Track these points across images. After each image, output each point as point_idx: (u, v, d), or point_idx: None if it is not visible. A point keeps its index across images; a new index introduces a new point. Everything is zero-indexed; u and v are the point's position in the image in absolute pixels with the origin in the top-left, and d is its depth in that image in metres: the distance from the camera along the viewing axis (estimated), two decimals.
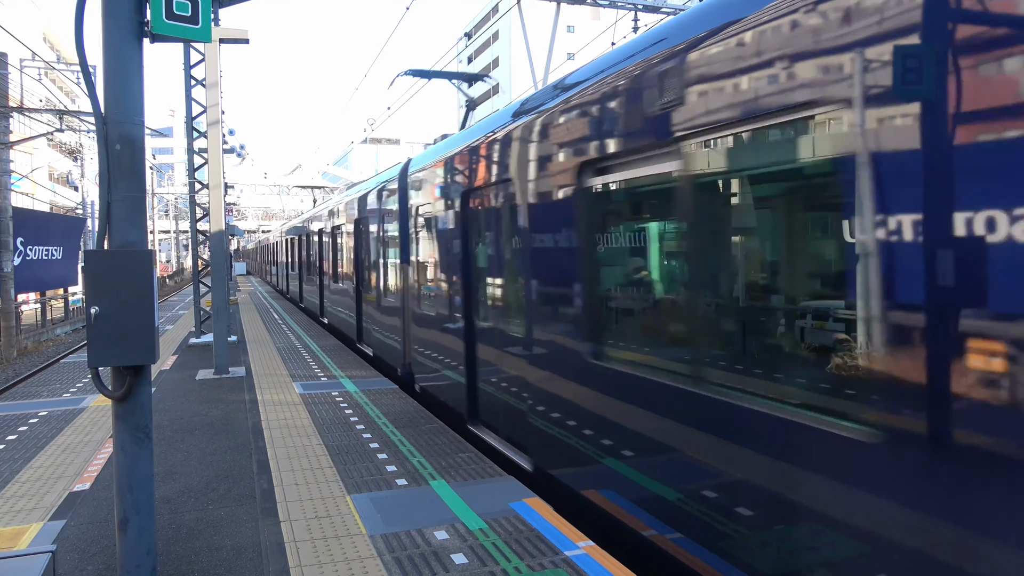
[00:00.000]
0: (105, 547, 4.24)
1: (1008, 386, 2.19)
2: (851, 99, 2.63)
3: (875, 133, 2.55)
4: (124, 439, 3.44)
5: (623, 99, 4.06)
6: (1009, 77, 2.13)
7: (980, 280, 2.25)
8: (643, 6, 14.59)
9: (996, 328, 2.22)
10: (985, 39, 2.20)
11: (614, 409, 4.21)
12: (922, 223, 2.40)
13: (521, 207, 5.34)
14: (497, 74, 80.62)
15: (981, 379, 2.26)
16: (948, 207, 2.31)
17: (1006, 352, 2.19)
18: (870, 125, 2.56)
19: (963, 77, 2.26)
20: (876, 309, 2.58)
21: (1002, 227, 2.18)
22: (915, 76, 2.41)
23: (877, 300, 2.58)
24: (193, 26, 3.51)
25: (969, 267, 2.27)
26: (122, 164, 3.37)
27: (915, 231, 2.42)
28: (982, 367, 2.26)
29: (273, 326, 16.79)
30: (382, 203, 10.46)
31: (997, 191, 2.19)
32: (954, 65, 2.28)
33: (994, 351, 2.24)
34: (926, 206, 2.39)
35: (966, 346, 2.30)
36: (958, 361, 2.31)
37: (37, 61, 27.69)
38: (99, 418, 7.56)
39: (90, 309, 3.29)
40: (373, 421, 7.17)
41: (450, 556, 3.96)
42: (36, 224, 21.66)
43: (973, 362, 2.28)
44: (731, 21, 3.28)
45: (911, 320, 2.44)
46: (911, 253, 2.43)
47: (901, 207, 2.47)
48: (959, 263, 2.30)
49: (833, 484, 2.73)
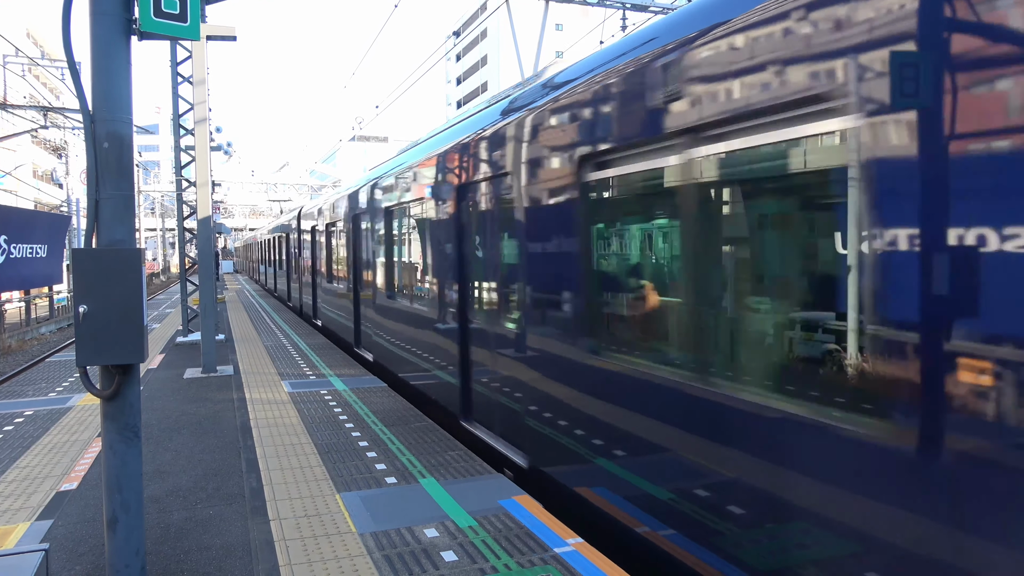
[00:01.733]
0: (93, 547, 4.22)
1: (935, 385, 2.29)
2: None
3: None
4: (112, 438, 3.42)
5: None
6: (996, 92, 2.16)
7: (903, 284, 2.38)
8: (631, 4, 14.64)
9: (906, 334, 2.36)
10: (976, 52, 2.21)
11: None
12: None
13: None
14: (486, 72, 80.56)
15: (887, 378, 2.39)
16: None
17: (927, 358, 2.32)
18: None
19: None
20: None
21: (940, 238, 2.28)
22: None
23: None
24: (181, 24, 3.49)
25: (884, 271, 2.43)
26: (110, 162, 3.35)
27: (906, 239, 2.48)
28: (892, 373, 2.40)
29: (261, 324, 16.71)
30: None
31: (921, 201, 2.31)
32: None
33: (912, 353, 2.36)
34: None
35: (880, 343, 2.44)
36: (870, 351, 2.47)
37: (21, 57, 27.37)
38: (86, 417, 7.51)
39: (78, 308, 3.28)
40: (362, 419, 7.16)
41: (440, 554, 3.98)
42: (20, 222, 21.37)
43: (880, 366, 2.41)
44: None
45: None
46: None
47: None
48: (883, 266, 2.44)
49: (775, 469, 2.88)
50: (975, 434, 2.21)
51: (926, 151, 2.34)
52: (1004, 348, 2.14)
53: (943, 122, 2.29)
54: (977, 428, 2.22)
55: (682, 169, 3.55)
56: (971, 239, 2.21)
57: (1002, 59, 2.13)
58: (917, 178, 2.37)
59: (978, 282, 2.20)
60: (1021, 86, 2.08)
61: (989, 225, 2.16)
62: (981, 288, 2.19)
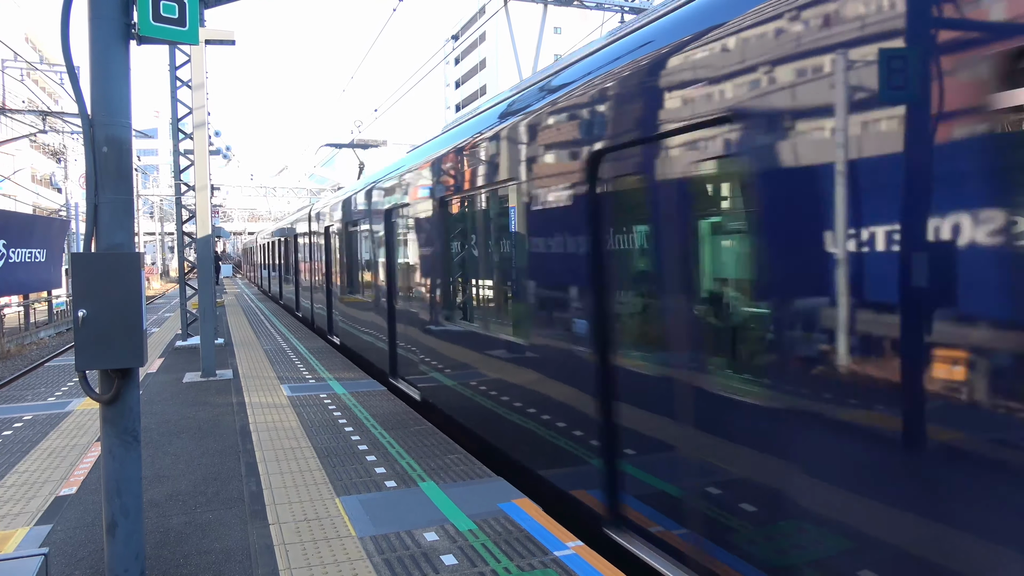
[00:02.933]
0: (93, 551, 4.22)
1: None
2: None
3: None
4: (112, 442, 3.42)
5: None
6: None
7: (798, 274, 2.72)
8: (629, 8, 14.67)
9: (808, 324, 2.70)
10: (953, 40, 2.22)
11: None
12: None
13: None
14: (484, 76, 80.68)
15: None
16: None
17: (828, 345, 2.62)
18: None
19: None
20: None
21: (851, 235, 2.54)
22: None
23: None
24: (180, 28, 3.50)
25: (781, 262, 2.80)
26: (109, 166, 3.36)
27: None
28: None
29: (260, 328, 16.71)
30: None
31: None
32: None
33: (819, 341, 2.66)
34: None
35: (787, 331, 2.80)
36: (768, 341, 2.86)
37: (19, 62, 27.39)
38: (85, 422, 7.51)
39: (77, 312, 3.28)
40: (361, 423, 7.16)
41: (440, 557, 3.97)
42: (19, 226, 21.39)
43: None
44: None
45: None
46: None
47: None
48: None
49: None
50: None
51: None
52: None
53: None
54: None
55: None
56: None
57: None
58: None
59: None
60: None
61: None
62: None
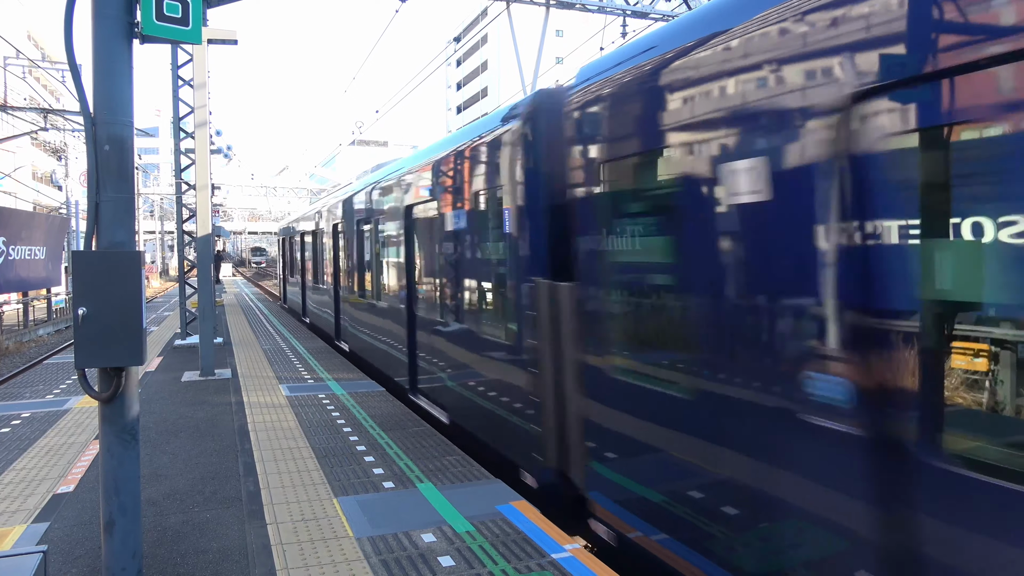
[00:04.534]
0: (90, 549, 4.22)
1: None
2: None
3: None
4: (110, 441, 3.42)
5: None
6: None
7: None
8: (631, 11, 14.68)
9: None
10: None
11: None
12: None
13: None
14: (486, 78, 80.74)
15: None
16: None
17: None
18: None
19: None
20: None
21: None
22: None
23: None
24: (183, 27, 3.50)
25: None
26: (110, 165, 3.36)
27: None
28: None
29: (259, 328, 16.70)
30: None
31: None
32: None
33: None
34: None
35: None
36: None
37: (21, 59, 27.39)
38: (83, 420, 7.50)
39: (77, 310, 3.28)
40: (360, 423, 7.16)
41: (437, 559, 3.97)
42: (19, 223, 21.38)
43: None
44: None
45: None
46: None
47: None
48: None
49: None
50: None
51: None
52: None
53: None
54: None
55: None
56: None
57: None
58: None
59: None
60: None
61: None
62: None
